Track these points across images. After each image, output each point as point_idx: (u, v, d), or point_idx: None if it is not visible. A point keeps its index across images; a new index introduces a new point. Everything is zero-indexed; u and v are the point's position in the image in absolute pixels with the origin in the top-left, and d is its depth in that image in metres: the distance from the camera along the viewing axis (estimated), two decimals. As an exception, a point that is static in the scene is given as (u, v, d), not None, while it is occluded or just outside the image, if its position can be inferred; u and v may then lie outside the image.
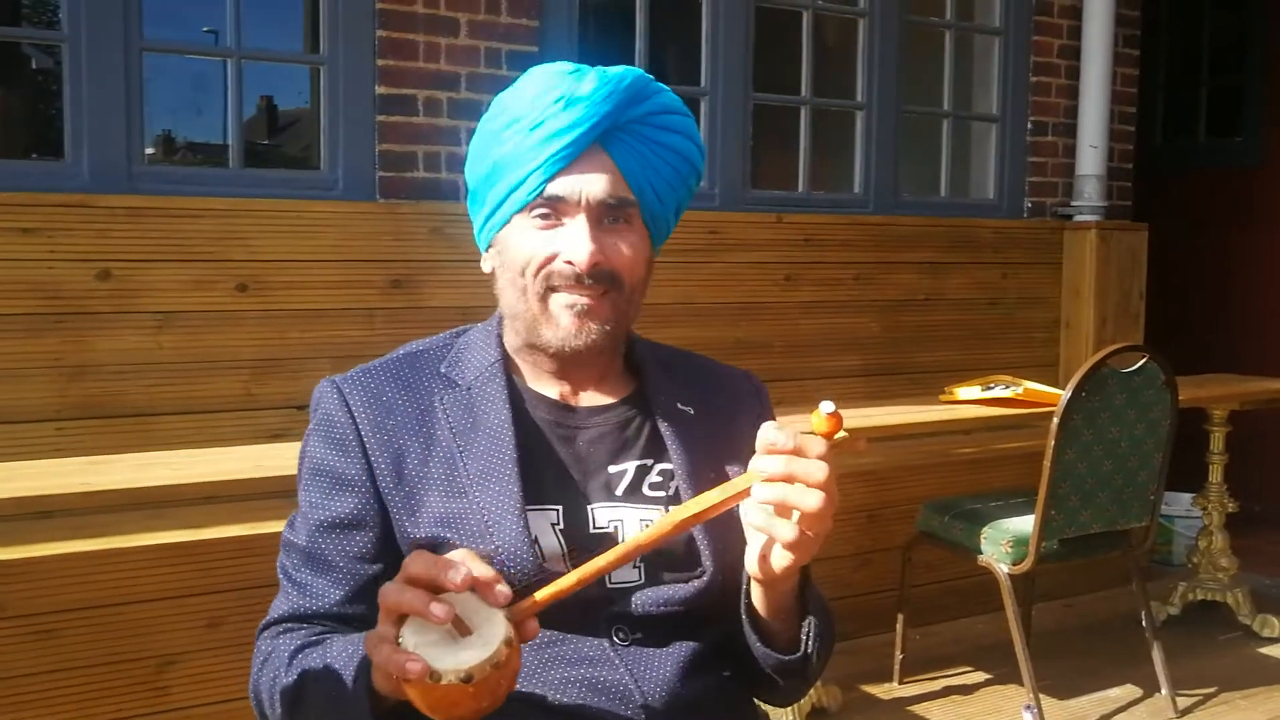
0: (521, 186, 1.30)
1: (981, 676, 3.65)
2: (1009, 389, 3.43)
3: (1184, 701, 3.41)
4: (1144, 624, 3.42)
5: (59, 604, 2.73)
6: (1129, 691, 3.50)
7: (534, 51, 3.39)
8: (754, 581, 1.26)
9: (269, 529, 1.94)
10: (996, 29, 4.40)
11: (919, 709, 3.42)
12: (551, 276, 1.31)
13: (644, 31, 3.68)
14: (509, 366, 1.39)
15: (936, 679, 3.63)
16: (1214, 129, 5.94)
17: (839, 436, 1.13)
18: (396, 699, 1.14)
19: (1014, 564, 3.15)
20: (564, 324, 1.32)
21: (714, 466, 1.36)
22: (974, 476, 3.95)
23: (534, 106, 1.29)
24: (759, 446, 1.13)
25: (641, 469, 1.36)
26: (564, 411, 1.38)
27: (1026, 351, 4.37)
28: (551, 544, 1.29)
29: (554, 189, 1.29)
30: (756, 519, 1.15)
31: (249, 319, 3.00)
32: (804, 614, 1.30)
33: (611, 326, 1.33)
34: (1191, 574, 4.09)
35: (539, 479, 1.32)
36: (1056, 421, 3.02)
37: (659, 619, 1.30)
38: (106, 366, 2.83)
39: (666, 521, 1.16)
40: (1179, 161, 5.83)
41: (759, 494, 1.13)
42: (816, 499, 1.11)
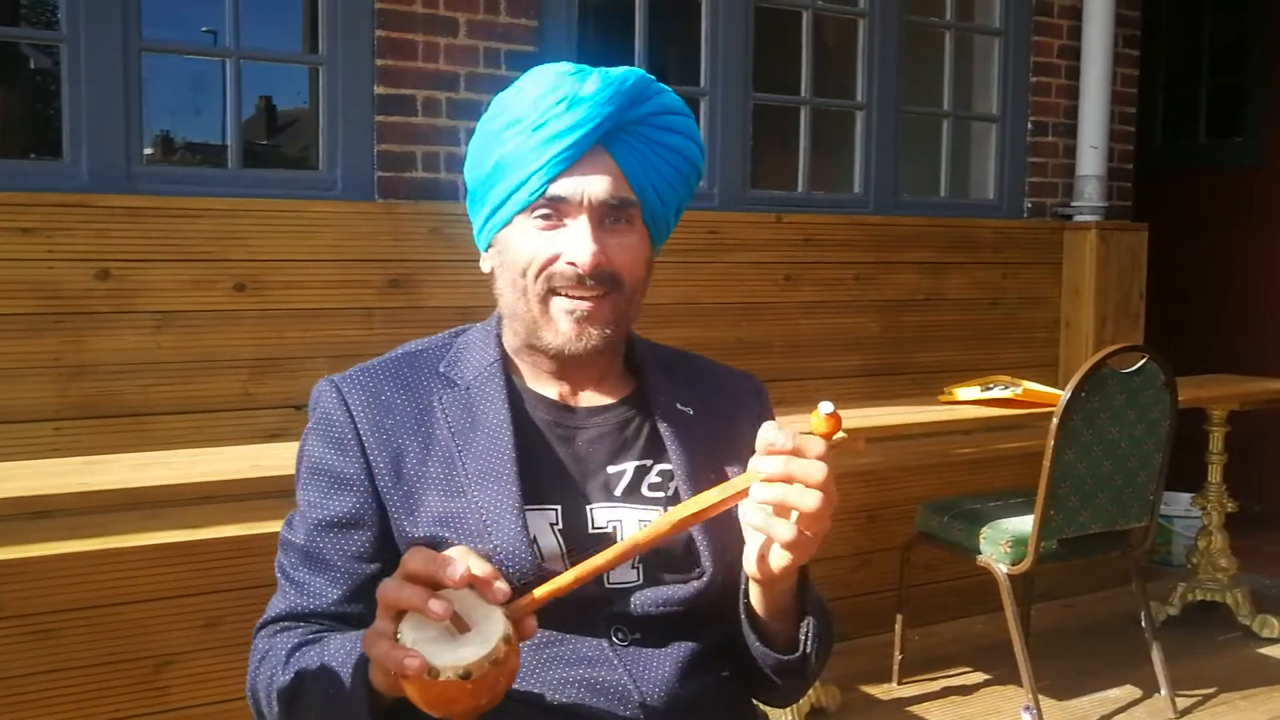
0: (523, 187, 1.29)
1: (981, 677, 3.65)
2: (1008, 389, 3.43)
3: (1183, 702, 3.41)
4: (1143, 624, 3.42)
5: (57, 604, 2.72)
6: (1128, 692, 3.50)
7: (533, 51, 3.39)
8: (752, 581, 1.25)
9: (267, 529, 1.94)
10: (996, 29, 4.39)
11: (918, 709, 3.42)
12: (553, 278, 1.31)
13: (643, 31, 3.68)
14: (508, 366, 1.39)
15: (935, 679, 3.63)
16: (1214, 129, 5.94)
17: (838, 437, 1.13)
18: (394, 697, 1.14)
19: (1013, 564, 3.14)
20: (563, 328, 1.31)
21: (713, 467, 1.36)
22: (973, 477, 3.94)
23: (536, 107, 1.29)
24: (758, 447, 1.13)
25: (640, 469, 1.36)
26: (563, 411, 1.38)
27: (1026, 352, 4.36)
28: (550, 544, 1.29)
29: (556, 190, 1.29)
30: (755, 519, 1.15)
31: (247, 319, 3.00)
32: (802, 614, 1.30)
33: (612, 329, 1.33)
34: (1191, 574, 4.09)
35: (538, 479, 1.31)
36: (1056, 422, 3.02)
37: (658, 619, 1.30)
38: (105, 366, 2.83)
39: (665, 521, 1.16)
40: (1179, 162, 5.83)
41: (757, 494, 1.13)
42: (815, 499, 1.11)
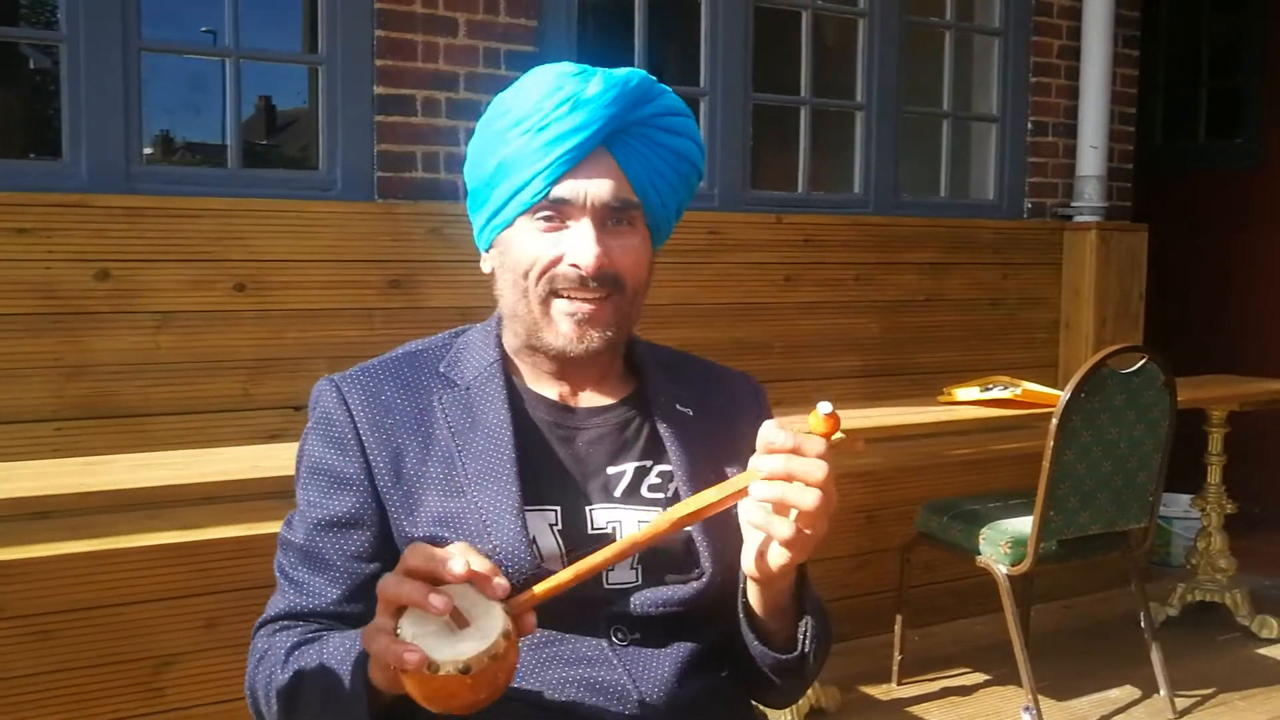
0: (526, 189, 1.29)
1: (980, 677, 3.65)
2: (1008, 390, 3.43)
3: (1183, 702, 3.41)
4: (1143, 625, 3.42)
5: (56, 604, 2.72)
6: (1128, 692, 3.49)
7: (532, 51, 3.39)
8: (751, 580, 1.25)
9: (267, 529, 1.94)
10: (996, 29, 4.40)
11: (917, 710, 3.42)
12: (555, 279, 1.30)
13: (643, 31, 3.68)
14: (508, 367, 1.39)
15: (935, 680, 3.63)
16: (1213, 130, 5.94)
17: (836, 437, 1.13)
18: (394, 694, 1.14)
19: (1012, 565, 3.14)
20: (564, 330, 1.31)
21: (713, 468, 1.36)
22: (972, 477, 3.94)
23: (539, 108, 1.29)
24: (759, 445, 1.13)
25: (640, 470, 1.36)
26: (563, 412, 1.38)
27: (1026, 352, 4.36)
28: (549, 544, 1.29)
29: (559, 192, 1.29)
30: (754, 516, 1.15)
31: (247, 319, 3.00)
32: (800, 614, 1.30)
33: (613, 331, 1.33)
34: (1190, 575, 4.09)
35: (537, 479, 1.31)
36: (1055, 422, 3.02)
37: (657, 619, 1.30)
38: (104, 366, 2.83)
39: (665, 519, 1.17)
40: (1178, 163, 5.83)
41: (757, 492, 1.13)
42: (814, 498, 1.11)
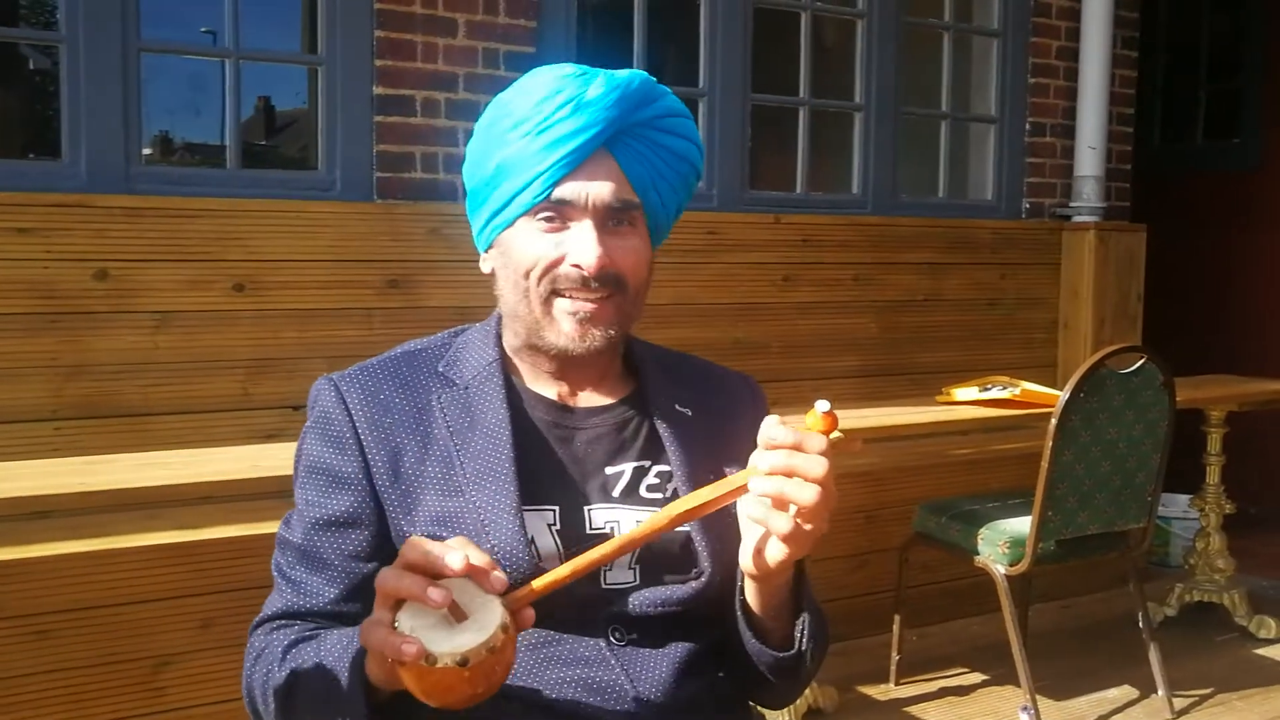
0: (527, 189, 1.29)
1: (978, 678, 3.65)
2: (1006, 390, 3.43)
3: (1181, 702, 3.41)
4: (1141, 625, 3.42)
5: (55, 604, 2.72)
6: (1126, 693, 3.50)
7: (531, 52, 3.39)
8: (748, 578, 1.26)
9: (265, 529, 1.94)
10: (995, 30, 4.40)
11: (915, 710, 3.42)
12: (557, 280, 1.31)
13: (642, 32, 3.68)
14: (507, 366, 1.39)
15: (933, 680, 3.63)
16: (1212, 131, 5.94)
17: (834, 436, 1.13)
18: (391, 690, 1.14)
19: (1011, 565, 3.14)
20: (566, 329, 1.31)
21: (712, 468, 1.36)
22: (971, 477, 3.94)
23: (540, 109, 1.29)
24: (760, 441, 1.14)
25: (639, 470, 1.36)
26: (562, 412, 1.38)
27: (1025, 352, 4.37)
28: (548, 544, 1.28)
29: (561, 193, 1.29)
30: (753, 511, 1.15)
31: (246, 319, 3.00)
32: (798, 612, 1.30)
33: (615, 330, 1.33)
34: (1188, 575, 4.09)
35: (536, 479, 1.31)
36: (1054, 422, 3.02)
37: (656, 619, 1.30)
38: (103, 366, 2.83)
39: (663, 515, 1.17)
40: (1177, 163, 5.84)
41: (756, 486, 1.13)
42: (812, 493, 1.11)
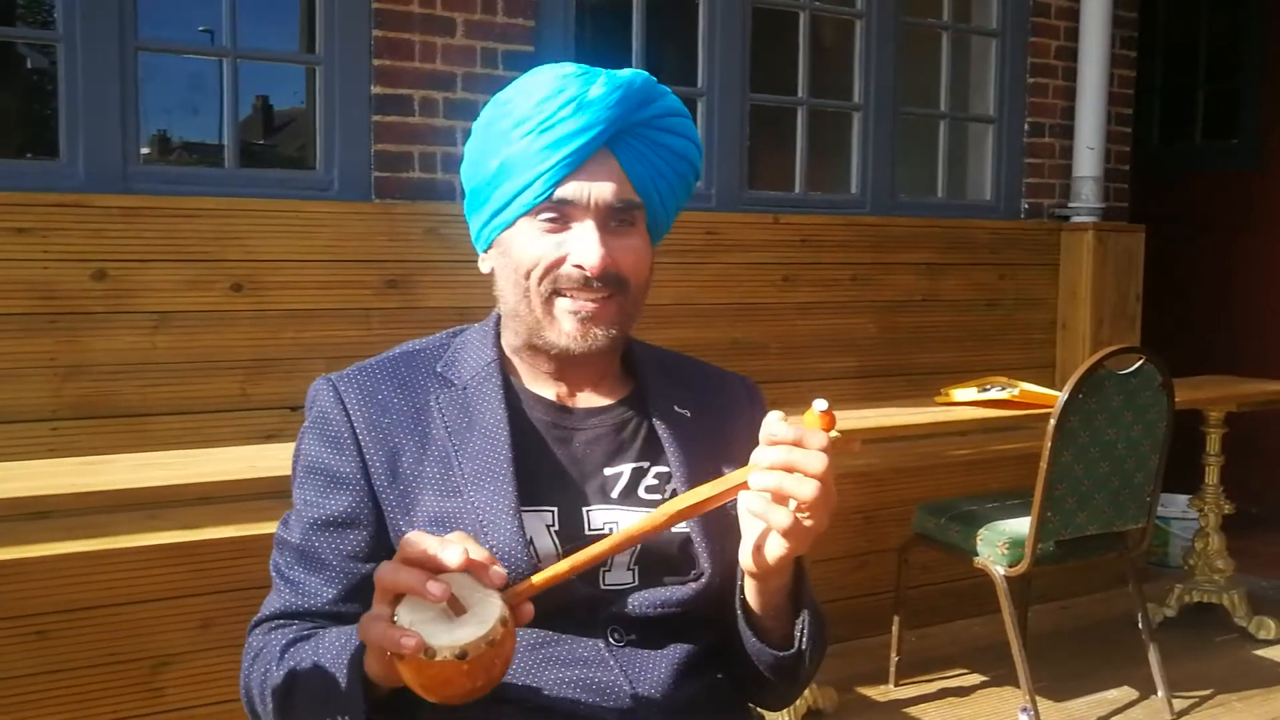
0: (529, 189, 1.29)
1: (978, 678, 3.65)
2: (1005, 390, 3.43)
3: (1180, 703, 3.41)
4: (1140, 626, 3.42)
5: (54, 604, 2.72)
6: (1125, 693, 3.49)
7: (530, 52, 3.39)
8: (748, 577, 1.25)
9: (264, 529, 1.93)
10: (993, 30, 4.40)
11: (915, 711, 3.42)
12: (559, 280, 1.30)
13: (640, 32, 3.68)
14: (506, 367, 1.39)
15: (933, 681, 3.62)
16: (1211, 131, 5.94)
17: (832, 435, 1.13)
18: (390, 687, 1.14)
19: (1010, 566, 3.14)
20: (567, 328, 1.31)
21: (710, 469, 1.35)
22: (970, 478, 3.94)
23: (542, 109, 1.28)
24: (762, 437, 1.14)
25: (638, 471, 1.36)
26: (560, 412, 1.38)
27: (1023, 353, 4.36)
28: (546, 545, 1.28)
29: (563, 193, 1.28)
30: (753, 505, 1.15)
31: (244, 319, 2.99)
32: (798, 611, 1.30)
33: (616, 330, 1.33)
34: (1188, 576, 4.09)
35: (534, 480, 1.31)
36: (1053, 423, 3.02)
37: (655, 620, 1.30)
38: (102, 366, 2.83)
39: (662, 512, 1.17)
40: (1176, 164, 5.84)
41: (756, 481, 1.13)
42: (812, 489, 1.11)
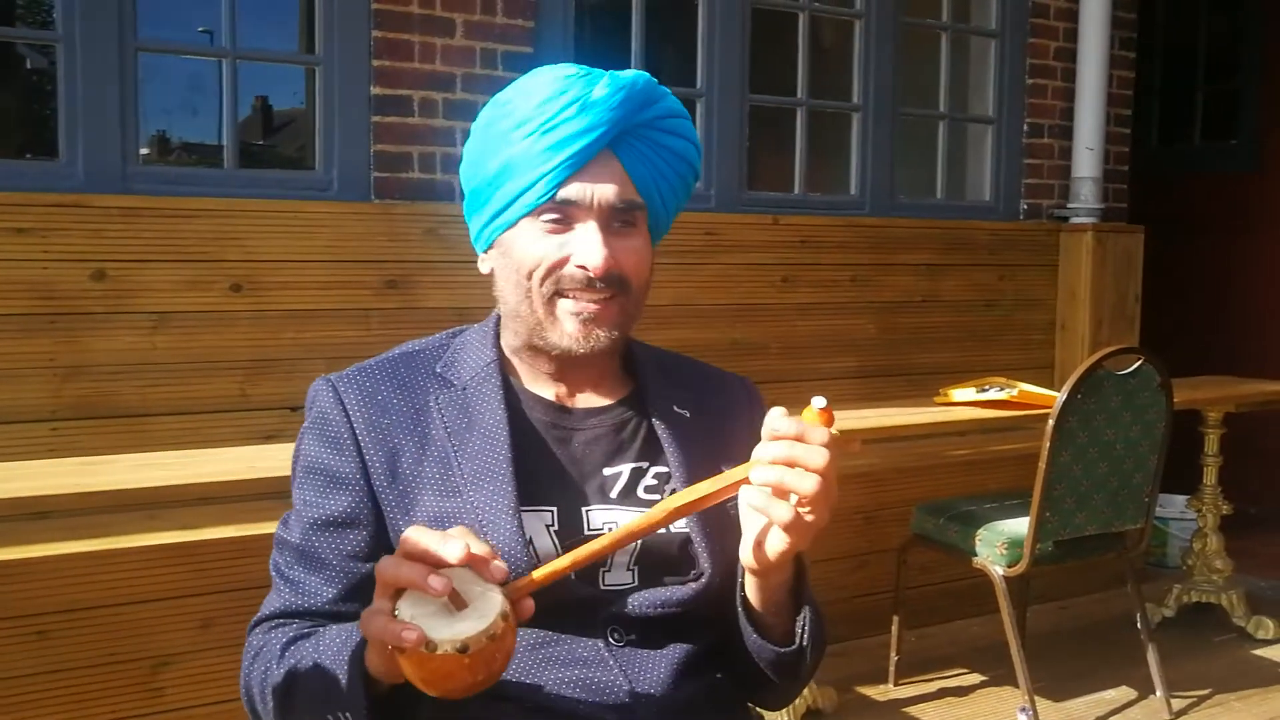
0: (531, 190, 1.29)
1: (977, 678, 3.65)
2: (1004, 391, 3.43)
3: (1179, 703, 3.41)
4: (1139, 626, 3.42)
5: (54, 604, 2.72)
6: (1124, 693, 3.50)
7: (529, 52, 3.39)
8: (749, 574, 1.26)
9: (264, 529, 1.93)
10: (993, 31, 4.40)
11: (914, 711, 3.42)
12: (561, 280, 1.31)
13: (640, 32, 3.68)
14: (505, 367, 1.39)
15: (932, 681, 3.63)
16: (1210, 132, 5.95)
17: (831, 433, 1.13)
18: (391, 682, 1.14)
19: (1009, 566, 3.14)
20: (569, 329, 1.32)
21: (709, 469, 1.35)
22: (969, 478, 3.94)
23: (544, 110, 1.28)
24: (764, 432, 1.14)
25: (637, 471, 1.36)
26: (560, 413, 1.38)
27: (1022, 353, 4.37)
28: (546, 545, 1.28)
29: (565, 193, 1.29)
30: (754, 499, 1.15)
31: (243, 319, 2.99)
32: (798, 608, 1.30)
33: (618, 330, 1.34)
34: (1186, 576, 4.09)
35: (534, 480, 1.31)
36: (1052, 423, 3.02)
37: (655, 620, 1.30)
38: (101, 367, 2.83)
39: (662, 508, 1.17)
40: (1175, 165, 5.84)
41: (758, 475, 1.13)
42: (813, 483, 1.11)
